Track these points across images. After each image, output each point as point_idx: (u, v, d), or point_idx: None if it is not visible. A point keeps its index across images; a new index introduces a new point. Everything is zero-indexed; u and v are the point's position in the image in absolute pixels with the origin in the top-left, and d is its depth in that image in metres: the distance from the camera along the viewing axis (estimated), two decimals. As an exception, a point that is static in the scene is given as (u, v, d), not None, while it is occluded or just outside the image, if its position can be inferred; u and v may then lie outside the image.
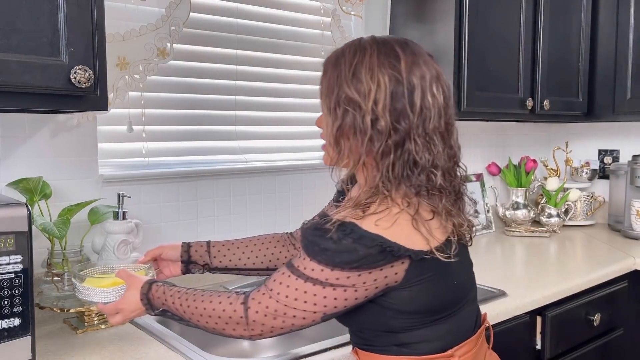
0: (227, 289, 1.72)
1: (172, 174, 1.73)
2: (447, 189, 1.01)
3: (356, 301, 0.97)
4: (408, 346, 1.02)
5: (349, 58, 1.02)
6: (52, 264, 1.43)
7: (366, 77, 0.98)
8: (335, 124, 1.02)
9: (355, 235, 0.93)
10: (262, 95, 1.95)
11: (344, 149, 1.02)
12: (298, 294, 0.96)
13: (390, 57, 0.99)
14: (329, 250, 0.93)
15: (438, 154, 0.99)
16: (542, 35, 2.28)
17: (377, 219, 0.95)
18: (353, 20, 2.15)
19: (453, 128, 1.04)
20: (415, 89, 0.97)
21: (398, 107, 0.97)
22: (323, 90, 1.06)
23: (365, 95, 0.97)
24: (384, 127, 0.96)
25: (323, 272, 0.94)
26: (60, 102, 1.16)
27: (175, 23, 1.65)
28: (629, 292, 2.09)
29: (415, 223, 0.96)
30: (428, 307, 1.01)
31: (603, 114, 2.54)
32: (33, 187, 1.37)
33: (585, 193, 2.76)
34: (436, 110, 0.99)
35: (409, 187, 0.98)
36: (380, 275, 0.95)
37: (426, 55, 1.03)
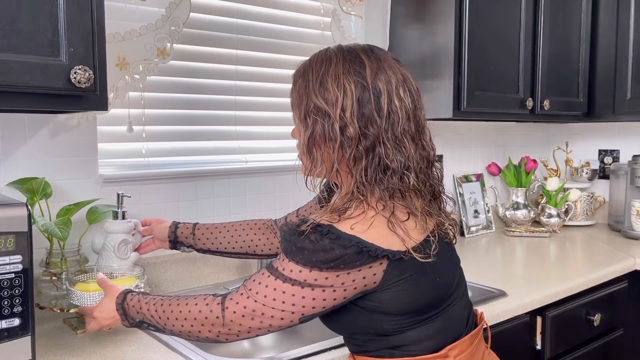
0: (227, 289, 1.72)
1: (172, 174, 1.73)
2: (421, 189, 1.02)
3: (334, 302, 0.97)
4: (400, 348, 1.02)
5: (316, 68, 1.04)
6: (51, 264, 1.43)
7: (332, 85, 1.00)
8: (306, 133, 1.04)
9: (332, 236, 0.94)
10: (262, 96, 1.95)
11: (316, 157, 1.04)
12: (277, 294, 0.96)
13: (355, 64, 1.01)
14: (307, 250, 0.94)
15: (409, 156, 1.01)
16: (542, 35, 2.28)
17: (353, 223, 0.96)
18: (353, 20, 2.15)
19: (424, 129, 1.06)
20: (381, 94, 0.99)
21: (365, 112, 0.99)
22: (293, 101, 1.09)
23: (332, 103, 0.99)
24: (353, 133, 0.98)
25: (301, 273, 0.95)
26: (60, 102, 1.16)
27: (175, 23, 1.65)
28: (629, 292, 2.09)
29: (391, 225, 0.97)
30: (411, 307, 1.01)
31: (603, 114, 2.54)
32: (35, 187, 1.37)
33: (585, 193, 2.76)
34: (404, 113, 1.00)
35: (382, 191, 0.99)
36: (359, 276, 0.96)
37: (392, 60, 1.04)
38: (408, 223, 1.00)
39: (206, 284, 1.77)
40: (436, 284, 1.05)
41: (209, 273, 1.79)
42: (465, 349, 1.07)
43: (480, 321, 1.15)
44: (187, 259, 1.74)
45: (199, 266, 1.76)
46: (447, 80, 2.01)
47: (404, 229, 0.98)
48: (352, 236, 0.94)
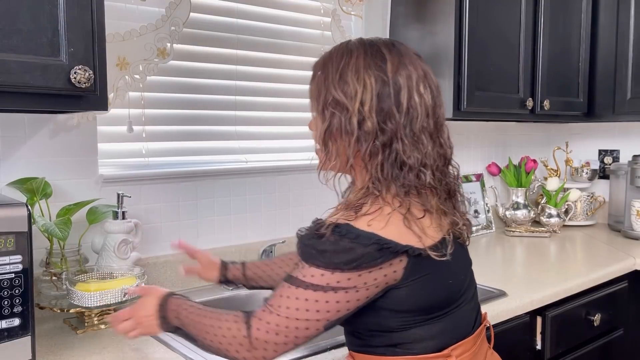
0: (228, 288, 1.72)
1: (172, 174, 1.73)
2: (437, 187, 1.02)
3: (358, 303, 0.96)
4: (402, 346, 1.01)
5: (336, 61, 1.02)
6: (51, 264, 1.43)
7: (352, 79, 0.99)
8: (323, 126, 1.02)
9: (351, 235, 0.93)
10: (262, 96, 1.95)
11: (332, 151, 1.02)
12: (299, 304, 0.94)
13: (376, 59, 1.00)
14: (327, 251, 0.93)
15: (427, 153, 1.00)
16: (542, 35, 2.28)
17: (370, 220, 0.95)
18: (353, 20, 2.15)
19: (443, 127, 1.04)
20: (401, 89, 0.98)
21: (384, 107, 0.97)
22: (312, 93, 1.07)
23: (351, 97, 0.98)
24: (371, 127, 0.97)
25: (323, 277, 0.93)
26: (60, 102, 1.16)
27: (175, 23, 1.65)
28: (629, 292, 2.09)
29: (407, 222, 0.96)
30: (422, 306, 1.01)
31: (603, 114, 2.54)
32: (35, 187, 1.37)
33: (585, 193, 2.76)
34: (423, 109, 0.99)
35: (398, 187, 0.98)
36: (380, 274, 0.95)
37: (413, 55, 1.04)
38: (424, 221, 0.99)
39: (206, 283, 1.77)
40: (447, 285, 1.05)
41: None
42: (469, 348, 1.06)
43: (482, 321, 1.15)
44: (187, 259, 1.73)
45: (199, 266, 1.76)
46: (447, 80, 2.01)
47: (420, 227, 0.98)
48: (370, 233, 0.93)
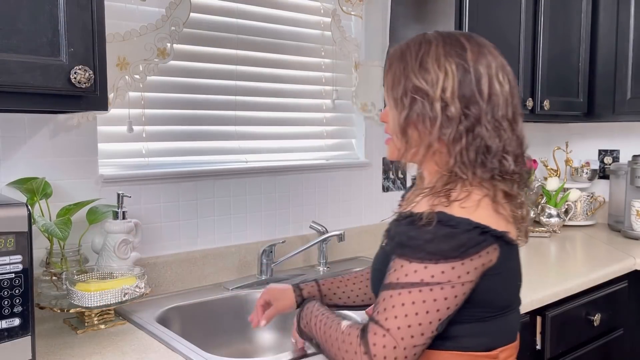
0: (228, 288, 1.72)
1: (172, 174, 1.73)
2: (518, 173, 1.02)
3: (463, 296, 0.95)
4: (453, 339, 0.99)
5: (415, 50, 1.03)
6: (51, 264, 1.43)
7: (433, 66, 0.99)
8: (402, 114, 1.02)
9: (452, 222, 0.93)
10: (262, 96, 1.95)
11: (411, 138, 1.02)
12: (407, 309, 0.91)
13: (456, 47, 1.01)
14: (433, 240, 0.92)
15: (508, 139, 1.01)
16: (542, 35, 2.28)
17: (462, 204, 0.95)
18: (353, 20, 2.15)
19: (519, 117, 1.05)
20: (482, 77, 0.99)
21: (466, 93, 0.98)
22: (388, 84, 1.06)
23: (433, 83, 0.99)
24: (454, 113, 0.98)
25: (427, 270, 0.92)
26: (60, 102, 1.16)
27: (175, 23, 1.65)
28: (629, 292, 2.09)
29: (495, 206, 0.97)
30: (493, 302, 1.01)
31: (603, 114, 2.54)
32: (35, 187, 1.37)
33: (585, 193, 2.76)
34: (503, 98, 1.01)
35: (484, 172, 0.99)
36: (479, 262, 0.95)
37: (490, 46, 1.05)
38: (507, 207, 1.00)
39: (206, 283, 1.77)
40: (515, 286, 1.07)
41: (209, 273, 1.79)
42: (512, 354, 1.07)
43: None
44: (187, 259, 1.74)
45: (199, 266, 1.76)
46: (447, 80, 2.01)
47: (507, 212, 0.99)
48: (469, 219, 0.94)
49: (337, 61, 2.13)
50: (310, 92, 2.09)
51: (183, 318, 1.57)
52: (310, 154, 2.12)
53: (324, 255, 1.97)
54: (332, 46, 2.09)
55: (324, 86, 2.12)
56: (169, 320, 1.51)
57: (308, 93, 2.09)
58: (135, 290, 1.38)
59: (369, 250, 2.21)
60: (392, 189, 2.31)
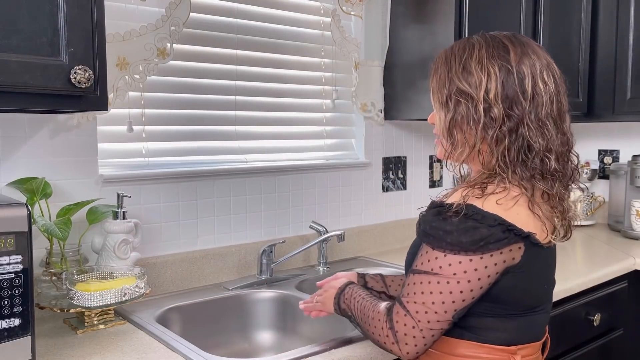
0: (228, 288, 1.72)
1: (172, 174, 1.73)
2: (560, 172, 1.04)
3: (481, 290, 0.98)
4: (474, 330, 1.03)
5: (459, 54, 1.05)
6: (51, 264, 1.43)
7: (476, 69, 1.01)
8: (447, 116, 1.04)
9: (477, 217, 0.95)
10: (262, 95, 1.95)
11: (457, 139, 1.05)
12: (425, 297, 0.98)
13: (499, 49, 1.03)
14: (454, 232, 0.96)
15: (551, 138, 1.02)
16: (542, 35, 2.28)
17: (497, 199, 0.97)
18: (353, 20, 2.15)
19: (566, 115, 1.06)
20: (525, 77, 1.01)
21: (510, 94, 1.00)
22: (434, 87, 1.09)
23: (476, 86, 1.01)
24: (497, 114, 1.00)
25: (446, 258, 0.96)
26: (60, 102, 1.16)
27: (175, 23, 1.65)
28: (629, 292, 2.09)
29: (531, 205, 0.99)
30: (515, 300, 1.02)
31: (603, 114, 2.54)
32: (35, 187, 1.37)
33: (585, 193, 2.76)
34: (548, 96, 1.02)
35: (524, 171, 1.00)
36: (500, 259, 0.97)
37: (535, 46, 1.06)
38: (545, 206, 1.02)
39: (206, 283, 1.77)
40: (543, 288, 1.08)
41: (209, 273, 1.79)
42: (533, 353, 1.08)
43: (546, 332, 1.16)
44: (187, 259, 1.74)
45: (199, 266, 1.76)
46: (447, 80, 2.01)
47: (543, 212, 1.01)
48: (496, 215, 0.96)
49: (337, 61, 2.13)
50: (310, 92, 2.09)
51: (183, 318, 1.57)
52: (310, 154, 2.12)
53: (324, 255, 1.97)
54: (332, 46, 2.09)
55: (323, 86, 2.12)
56: (168, 320, 1.51)
57: (308, 93, 2.08)
58: (135, 290, 1.38)
59: (369, 250, 2.21)
60: (392, 189, 2.31)
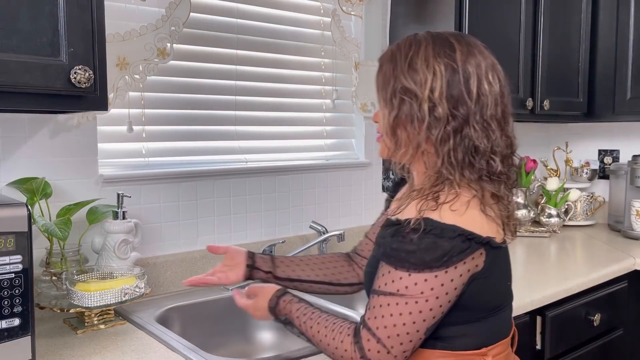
0: (228, 288, 1.72)
1: (172, 174, 1.73)
2: (505, 174, 1.03)
3: (449, 303, 0.97)
4: (446, 340, 1.02)
5: (405, 51, 1.03)
6: (51, 264, 1.43)
7: (422, 67, 1.00)
8: (392, 114, 1.03)
9: (436, 230, 0.94)
10: (262, 95, 1.95)
11: (400, 138, 1.03)
12: (395, 319, 0.95)
13: (445, 47, 1.01)
14: (416, 252, 0.94)
15: (496, 140, 1.01)
16: (542, 35, 2.28)
17: (451, 206, 0.96)
18: (353, 20, 2.15)
19: (509, 117, 1.05)
20: (471, 77, 0.99)
21: (455, 94, 0.98)
22: (379, 84, 1.07)
23: (421, 84, 0.99)
24: (442, 113, 0.98)
25: (411, 278, 0.94)
26: (60, 102, 1.16)
27: (175, 23, 1.65)
28: (629, 292, 2.09)
29: (483, 207, 0.98)
30: (483, 304, 1.02)
31: (603, 114, 2.54)
32: (35, 187, 1.37)
33: (585, 193, 2.76)
34: (492, 97, 1.00)
35: (472, 173, 0.99)
36: (464, 269, 0.96)
37: (481, 46, 1.05)
38: (495, 207, 1.01)
39: (206, 284, 1.77)
40: (506, 287, 1.08)
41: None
42: (503, 350, 1.08)
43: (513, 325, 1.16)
44: (187, 259, 1.74)
45: (199, 266, 1.76)
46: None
47: (496, 213, 1.00)
48: (454, 226, 0.94)
49: (337, 61, 2.13)
50: (310, 92, 2.09)
51: (183, 318, 1.57)
52: (310, 154, 2.12)
53: (324, 255, 1.97)
54: (332, 46, 2.09)
55: (323, 86, 2.12)
56: (168, 320, 1.51)
57: (308, 93, 2.08)
58: (135, 290, 1.38)
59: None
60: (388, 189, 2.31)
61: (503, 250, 1.03)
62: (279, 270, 1.32)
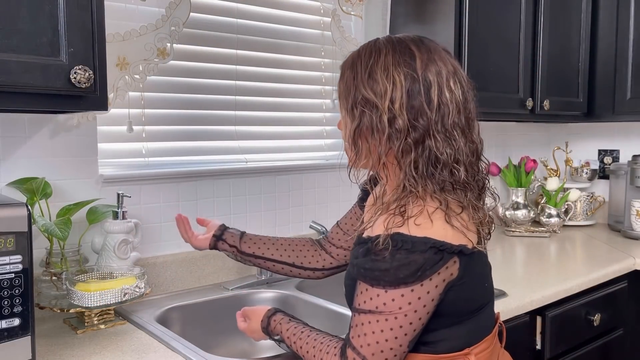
0: (228, 288, 1.72)
1: (172, 174, 1.73)
2: (470, 183, 1.02)
3: (428, 315, 0.97)
4: (427, 344, 1.02)
5: (365, 59, 1.02)
6: (51, 264, 1.43)
7: (382, 77, 0.98)
8: (352, 125, 1.02)
9: (407, 246, 0.93)
10: (262, 95, 1.95)
11: (362, 149, 1.03)
12: (377, 336, 0.95)
13: (405, 56, 0.99)
14: (390, 270, 0.93)
15: (459, 149, 0.99)
16: (542, 35, 2.28)
17: (417, 220, 0.95)
18: (353, 20, 2.15)
19: (474, 122, 1.04)
20: (431, 86, 0.98)
21: (415, 104, 0.97)
22: (340, 93, 1.06)
23: (381, 95, 0.98)
24: (402, 125, 0.97)
25: (388, 294, 0.94)
26: (60, 102, 1.16)
27: (175, 23, 1.65)
28: (629, 292, 2.09)
29: (448, 218, 0.96)
30: (463, 309, 1.02)
31: (603, 114, 2.54)
32: (35, 187, 1.37)
33: (585, 193, 2.76)
34: (454, 105, 0.99)
35: (434, 184, 0.98)
36: (439, 279, 0.95)
37: (442, 51, 1.03)
38: (463, 216, 0.99)
39: (206, 284, 1.77)
40: (484, 288, 1.07)
41: (209, 273, 1.79)
42: (487, 347, 1.07)
43: (497, 320, 1.16)
44: (187, 259, 1.74)
45: (199, 266, 1.76)
46: (447, 80, 2.01)
47: (462, 222, 0.98)
48: (425, 238, 0.93)
49: (337, 61, 2.13)
50: (310, 92, 2.09)
51: (183, 318, 1.57)
52: (310, 154, 2.12)
53: (324, 255, 1.97)
54: (332, 46, 2.09)
55: (323, 86, 2.12)
56: (168, 320, 1.51)
57: (308, 93, 2.08)
58: (135, 290, 1.38)
59: (369, 250, 2.20)
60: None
61: (477, 255, 1.01)
62: (244, 246, 1.37)
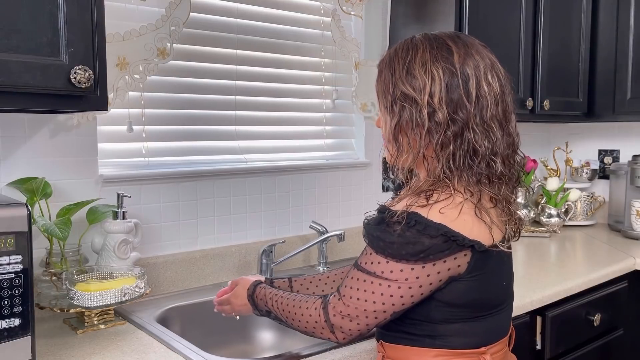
0: (227, 289, 1.72)
1: (172, 174, 1.73)
2: (507, 175, 1.03)
3: (422, 296, 0.99)
4: (442, 338, 1.02)
5: (402, 56, 1.03)
6: (51, 264, 1.43)
7: (420, 72, 1.00)
8: (392, 121, 1.04)
9: (420, 227, 0.94)
10: (262, 95, 1.95)
11: (403, 144, 1.04)
12: (366, 295, 0.99)
13: (442, 51, 1.01)
14: (395, 243, 0.96)
15: (497, 141, 1.01)
16: (542, 35, 2.28)
17: (442, 207, 0.96)
18: (353, 20, 2.15)
19: (511, 115, 1.05)
20: (469, 79, 0.99)
21: (454, 98, 0.98)
22: (379, 90, 1.08)
23: (420, 90, 0.99)
24: (442, 118, 0.98)
25: (388, 264, 0.97)
26: (60, 102, 1.16)
27: (175, 23, 1.65)
28: (629, 292, 2.09)
29: (478, 212, 0.98)
30: (475, 302, 1.02)
31: (603, 114, 2.54)
32: (35, 187, 1.37)
33: (585, 193, 2.76)
34: (492, 98, 1.00)
35: (470, 176, 0.99)
36: (444, 267, 0.97)
37: (479, 46, 1.05)
38: (493, 211, 1.01)
39: (206, 284, 1.77)
40: (502, 287, 1.08)
41: (209, 273, 1.79)
42: (501, 349, 1.09)
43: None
44: (187, 259, 1.74)
45: (199, 266, 1.76)
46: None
47: (490, 217, 0.99)
48: (439, 224, 0.95)
49: (337, 61, 2.13)
50: (310, 91, 2.09)
51: (183, 318, 1.57)
52: (310, 154, 2.12)
53: (324, 255, 1.97)
54: (332, 46, 2.09)
55: (323, 86, 2.12)
56: (168, 320, 1.51)
57: (308, 93, 2.08)
58: (135, 290, 1.38)
59: (369, 250, 2.20)
60: (392, 189, 2.31)
61: (494, 253, 1.02)
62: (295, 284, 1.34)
